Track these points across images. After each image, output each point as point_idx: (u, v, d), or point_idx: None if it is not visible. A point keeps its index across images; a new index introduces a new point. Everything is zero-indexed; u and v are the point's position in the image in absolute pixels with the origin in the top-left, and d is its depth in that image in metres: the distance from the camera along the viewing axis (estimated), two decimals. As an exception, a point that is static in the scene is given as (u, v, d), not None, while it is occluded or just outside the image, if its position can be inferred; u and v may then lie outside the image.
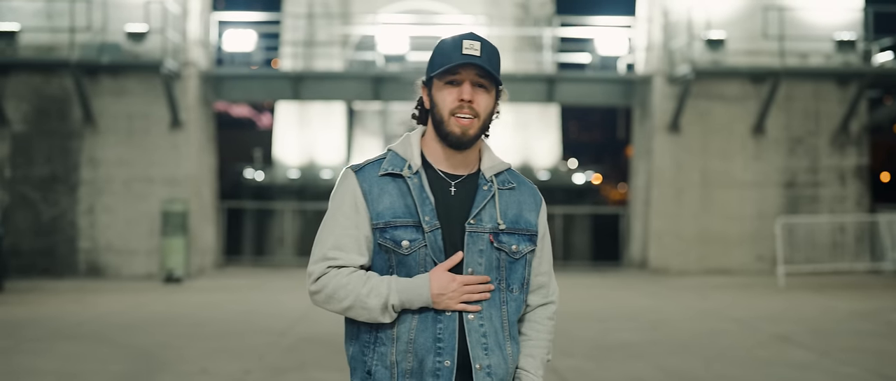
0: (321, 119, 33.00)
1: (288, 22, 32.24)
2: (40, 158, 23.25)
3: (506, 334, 3.39)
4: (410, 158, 3.41)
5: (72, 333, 13.79)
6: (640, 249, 25.65)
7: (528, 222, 3.47)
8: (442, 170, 3.43)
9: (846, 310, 16.72)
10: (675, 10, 24.74)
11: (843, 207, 24.78)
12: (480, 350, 3.31)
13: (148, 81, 23.27)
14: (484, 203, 3.39)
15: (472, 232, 3.35)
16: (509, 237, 3.40)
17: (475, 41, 3.34)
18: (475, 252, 3.34)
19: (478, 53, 3.32)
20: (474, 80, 3.35)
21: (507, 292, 3.41)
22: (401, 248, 3.33)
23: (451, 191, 3.40)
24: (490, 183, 3.43)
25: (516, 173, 3.57)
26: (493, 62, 3.35)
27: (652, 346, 12.86)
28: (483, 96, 3.36)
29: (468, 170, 3.45)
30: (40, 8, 23.37)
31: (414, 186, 3.36)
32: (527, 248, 3.44)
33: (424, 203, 3.34)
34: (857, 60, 24.80)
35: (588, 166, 45.12)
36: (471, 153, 3.44)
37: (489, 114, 3.40)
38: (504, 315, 3.39)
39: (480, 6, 32.77)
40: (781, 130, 24.70)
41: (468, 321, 3.31)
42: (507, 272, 3.40)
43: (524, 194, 3.51)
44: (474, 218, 3.36)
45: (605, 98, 27.70)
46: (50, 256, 23.14)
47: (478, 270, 3.33)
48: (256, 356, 11.93)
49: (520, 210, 3.46)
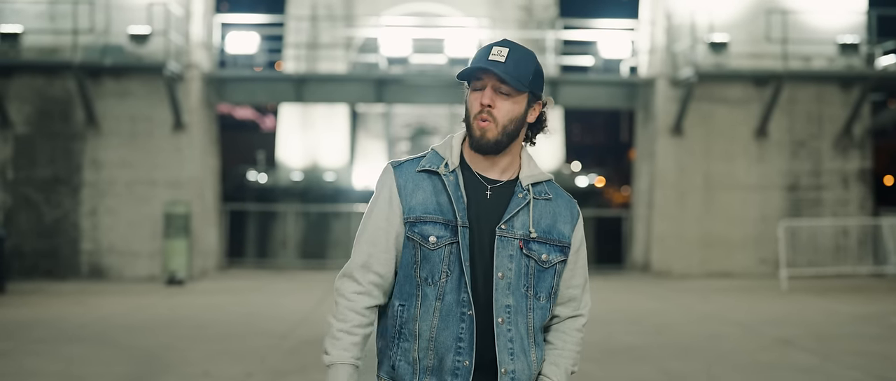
0: (324, 122, 32.98)
1: (291, 24, 32.22)
2: (43, 160, 23.26)
3: (531, 340, 3.45)
4: (449, 157, 3.47)
5: (74, 335, 13.80)
6: (643, 251, 25.64)
7: (562, 233, 3.51)
8: (480, 173, 3.47)
9: (849, 313, 16.70)
10: (679, 13, 24.74)
11: (845, 210, 24.76)
12: (507, 355, 3.37)
13: (151, 83, 23.28)
14: (517, 209, 3.44)
15: (503, 237, 3.39)
16: (540, 246, 3.45)
17: (504, 48, 3.39)
18: (505, 257, 3.39)
19: (502, 60, 3.35)
20: (495, 85, 3.37)
21: (534, 300, 3.46)
22: (427, 243, 3.39)
23: (486, 194, 3.45)
24: (526, 191, 3.48)
25: (556, 186, 3.61)
26: (519, 69, 3.37)
27: (655, 349, 12.85)
28: (504, 102, 3.39)
29: (506, 176, 3.50)
30: (43, 10, 23.39)
31: (449, 184, 3.42)
32: (557, 258, 3.49)
33: (458, 201, 3.40)
34: (861, 64, 24.78)
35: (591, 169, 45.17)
36: (508, 159, 3.49)
37: (512, 120, 3.40)
38: (530, 322, 3.44)
39: (484, 9, 32.75)
40: (784, 133, 24.68)
41: (498, 325, 3.36)
42: (535, 280, 3.45)
43: (560, 207, 3.55)
44: (506, 223, 3.41)
45: (608, 101, 27.71)
46: (52, 257, 23.15)
47: (508, 274, 3.38)
48: (258, 358, 11.92)
49: (554, 221, 3.50)
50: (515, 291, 3.40)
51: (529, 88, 3.41)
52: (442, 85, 25.63)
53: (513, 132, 3.43)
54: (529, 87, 3.41)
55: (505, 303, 3.38)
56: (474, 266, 3.38)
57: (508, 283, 3.39)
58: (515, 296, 3.40)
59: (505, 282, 3.38)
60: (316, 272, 25.97)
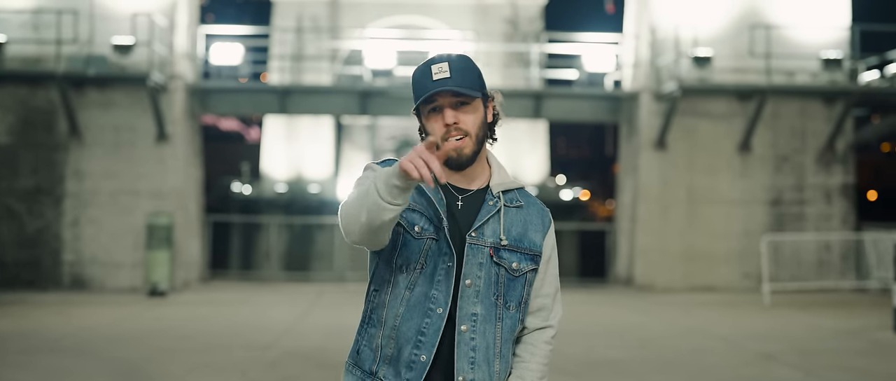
0: (309, 133, 32.97)
1: (276, 36, 32.22)
2: (25, 170, 23.18)
3: (496, 351, 3.40)
4: None
5: (56, 346, 13.73)
6: (626, 265, 25.66)
7: (533, 241, 3.48)
8: (451, 184, 3.47)
9: (831, 328, 16.73)
10: (663, 28, 24.80)
11: (828, 225, 24.82)
12: (466, 363, 3.33)
13: (134, 94, 23.23)
14: (487, 217, 3.42)
15: (473, 244, 3.37)
16: (510, 254, 3.42)
17: (443, 63, 3.36)
18: (474, 265, 3.36)
19: (447, 74, 3.34)
20: (452, 101, 3.36)
21: (503, 309, 3.42)
22: (412, 230, 3.37)
23: (458, 205, 3.44)
24: (496, 199, 3.46)
25: (527, 193, 3.60)
26: (466, 77, 3.36)
27: (637, 363, 12.85)
28: (467, 114, 3.38)
29: (477, 185, 3.49)
30: (27, 19, 23.33)
31: (428, 188, 3.41)
32: (528, 267, 3.46)
33: (440, 202, 3.40)
34: (844, 79, 24.88)
35: (576, 183, 45.13)
36: (477, 169, 3.49)
37: (480, 126, 3.42)
38: (498, 332, 3.40)
39: (469, 22, 32.80)
40: (768, 148, 24.75)
41: (460, 332, 3.33)
42: (505, 289, 3.42)
43: (532, 215, 3.53)
44: (476, 231, 3.39)
45: (593, 114, 27.72)
46: (34, 268, 23.06)
47: (476, 282, 3.36)
48: (240, 370, 11.88)
49: (525, 229, 3.48)
50: (484, 299, 3.37)
51: (481, 92, 3.42)
52: (426, 97, 25.57)
53: (483, 138, 3.45)
54: (480, 90, 3.42)
55: (471, 311, 3.35)
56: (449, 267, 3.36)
57: (477, 291, 3.36)
58: (484, 304, 3.37)
59: (472, 290, 3.36)
60: (299, 285, 25.92)
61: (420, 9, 33.23)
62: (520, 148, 33.16)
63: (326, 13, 32.80)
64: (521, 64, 31.46)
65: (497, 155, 3.66)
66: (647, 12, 25.17)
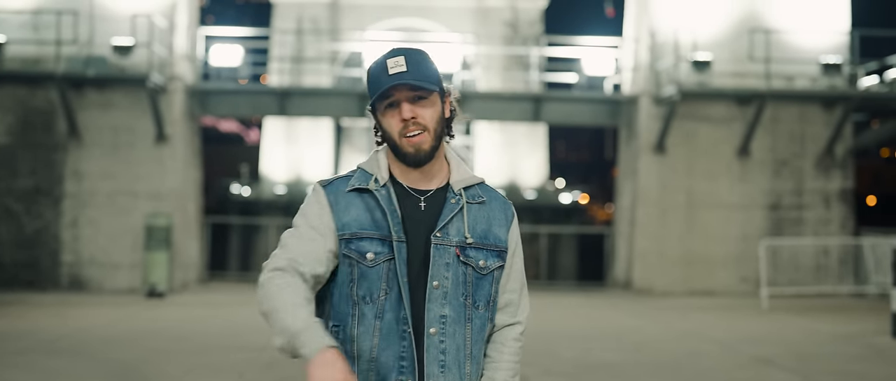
0: (308, 135, 32.97)
1: (276, 37, 32.23)
2: (24, 171, 23.18)
3: (467, 352, 3.30)
4: (377, 173, 3.35)
5: (53, 347, 13.73)
6: (625, 269, 25.65)
7: (498, 237, 3.38)
8: (410, 186, 3.36)
9: (829, 333, 16.73)
10: (662, 32, 24.80)
11: (827, 229, 24.82)
12: (436, 367, 3.23)
13: (133, 95, 23.24)
14: (451, 216, 3.32)
15: (438, 245, 3.28)
16: (477, 252, 3.33)
17: (399, 57, 3.27)
18: (441, 266, 3.26)
19: (404, 68, 3.25)
20: (409, 95, 3.26)
21: (472, 309, 3.31)
22: (365, 260, 3.25)
23: (420, 206, 3.33)
24: (458, 196, 3.35)
25: (488, 187, 3.47)
26: (422, 70, 3.27)
27: (634, 367, 12.85)
28: (425, 108, 3.28)
29: (437, 184, 3.38)
30: (27, 20, 23.33)
31: (382, 199, 3.29)
32: (495, 264, 3.36)
33: (393, 215, 3.27)
34: (843, 84, 24.87)
35: (575, 186, 45.12)
36: (436, 167, 3.37)
37: (438, 121, 3.31)
38: (467, 333, 3.30)
39: (469, 25, 32.81)
40: (767, 153, 24.74)
41: (429, 335, 3.23)
42: (473, 288, 3.32)
43: (494, 209, 3.42)
44: (440, 231, 3.29)
45: (592, 118, 27.73)
46: (32, 269, 23.06)
47: (444, 283, 3.26)
48: (236, 372, 11.88)
49: (489, 225, 3.38)
50: (453, 300, 3.28)
51: (438, 85, 3.31)
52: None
53: (441, 134, 3.33)
54: (437, 84, 3.31)
55: (440, 313, 3.25)
56: (413, 281, 3.25)
57: (444, 292, 3.27)
58: (453, 306, 3.28)
59: (440, 292, 3.26)
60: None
61: (420, 11, 33.24)
62: (519, 151, 33.17)
63: (326, 15, 32.81)
64: (520, 67, 31.47)
65: (497, 157, 3.58)
66: (647, 16, 25.18)
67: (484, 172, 32.83)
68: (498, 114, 27.32)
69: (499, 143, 32.97)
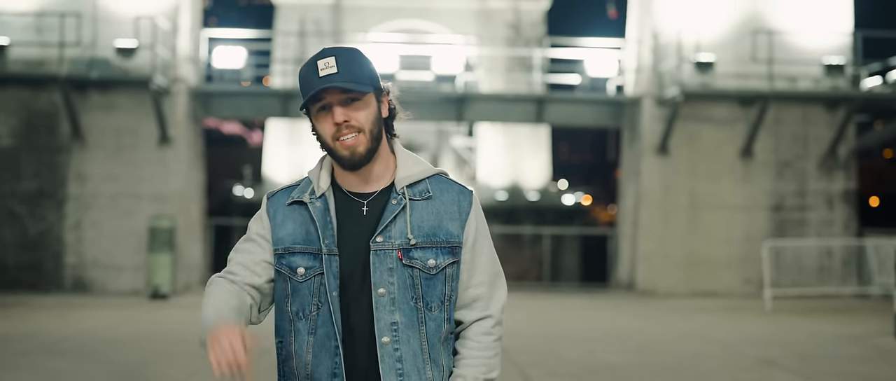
0: (311, 137, 32.86)
1: (279, 39, 32.24)
2: (28, 173, 23.19)
3: (425, 357, 3.18)
4: (316, 183, 3.27)
5: (57, 348, 13.74)
6: (628, 270, 25.65)
7: (449, 232, 3.22)
8: (351, 191, 3.26)
9: (833, 334, 16.72)
10: (665, 33, 24.79)
11: (830, 231, 24.80)
12: (394, 376, 3.14)
13: (137, 97, 23.24)
14: (392, 217, 3.19)
15: (378, 251, 3.16)
16: (424, 252, 3.19)
17: (329, 58, 3.17)
18: (384, 272, 3.15)
19: (335, 69, 3.15)
20: (341, 98, 3.17)
21: (425, 312, 3.19)
22: (296, 275, 3.20)
23: (362, 211, 3.23)
24: (401, 196, 3.22)
25: (444, 179, 3.32)
26: (354, 71, 3.17)
27: (637, 368, 12.84)
28: (358, 110, 3.17)
29: (381, 185, 3.26)
30: (30, 22, 23.35)
31: (316, 212, 3.21)
32: (446, 261, 3.21)
33: (326, 228, 3.18)
34: (846, 85, 24.87)
35: (578, 187, 45.10)
36: (378, 167, 3.26)
37: (374, 122, 3.19)
38: (422, 337, 3.18)
39: (471, 26, 32.82)
40: (770, 154, 24.73)
41: (381, 345, 3.14)
42: (423, 290, 3.18)
43: (445, 203, 3.25)
44: (381, 235, 3.17)
45: (595, 119, 27.74)
46: (36, 271, 23.07)
47: (390, 289, 3.15)
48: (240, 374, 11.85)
49: (439, 221, 3.22)
50: (402, 305, 3.16)
51: (372, 85, 3.21)
52: (429, 102, 25.66)
53: (379, 135, 3.21)
54: (371, 83, 3.20)
55: (390, 321, 3.15)
56: (347, 293, 3.17)
57: (392, 298, 3.15)
58: (403, 311, 3.16)
59: (387, 299, 3.15)
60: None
61: (423, 13, 33.26)
62: (522, 153, 33.16)
63: (329, 17, 32.83)
64: (523, 69, 31.47)
65: (499, 158, 3.47)
66: (650, 17, 25.18)
67: (487, 174, 32.87)
68: (501, 116, 27.32)
69: (502, 144, 32.97)
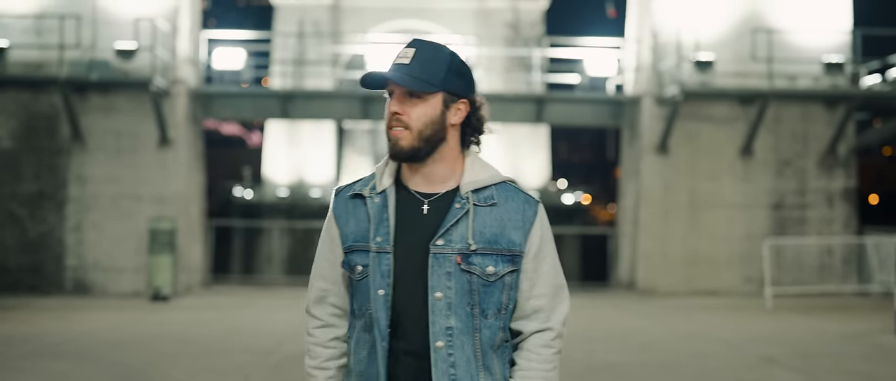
0: (311, 138, 33.00)
1: (278, 40, 32.26)
2: (28, 175, 23.19)
3: (479, 364, 3.15)
4: (379, 177, 3.23)
5: (58, 350, 13.74)
6: (629, 269, 25.65)
7: (511, 241, 3.17)
8: (416, 190, 3.22)
9: (834, 332, 16.72)
10: (665, 32, 24.79)
11: (830, 229, 24.81)
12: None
13: (137, 99, 23.23)
14: (454, 221, 3.15)
15: (437, 254, 3.13)
16: (483, 258, 3.14)
17: (409, 49, 3.19)
18: (441, 275, 3.12)
19: (408, 61, 3.16)
20: (402, 90, 3.17)
21: (481, 319, 3.16)
22: (354, 273, 3.21)
23: (423, 210, 3.19)
24: (465, 200, 3.17)
25: (510, 187, 3.27)
26: (424, 68, 3.15)
27: (639, 368, 12.85)
28: (414, 106, 3.15)
29: (446, 187, 3.22)
30: (30, 25, 23.35)
31: (372, 207, 3.19)
32: (505, 269, 3.17)
33: (380, 224, 3.16)
34: (845, 83, 24.87)
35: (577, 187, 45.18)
36: (445, 169, 3.23)
37: (428, 124, 3.14)
38: (477, 343, 3.15)
39: (471, 26, 32.84)
40: (769, 152, 24.74)
41: (435, 349, 3.11)
42: (480, 297, 3.15)
43: (510, 211, 3.20)
44: (442, 238, 3.13)
45: (594, 119, 27.73)
46: (37, 273, 23.06)
47: (447, 293, 3.12)
48: (242, 375, 11.88)
49: (501, 228, 3.17)
50: (458, 310, 3.12)
51: (442, 88, 3.16)
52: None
53: (433, 138, 3.16)
54: (441, 86, 3.16)
55: (445, 325, 3.11)
56: (401, 293, 3.14)
57: (448, 303, 3.12)
58: (458, 316, 3.12)
59: (444, 303, 3.12)
60: (301, 289, 25.87)
61: (421, 13, 33.29)
62: (521, 153, 33.18)
63: (328, 18, 32.86)
64: (522, 68, 31.48)
65: (499, 157, 3.47)
66: (649, 16, 25.18)
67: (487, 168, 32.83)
68: (500, 115, 27.26)
69: (501, 144, 32.98)
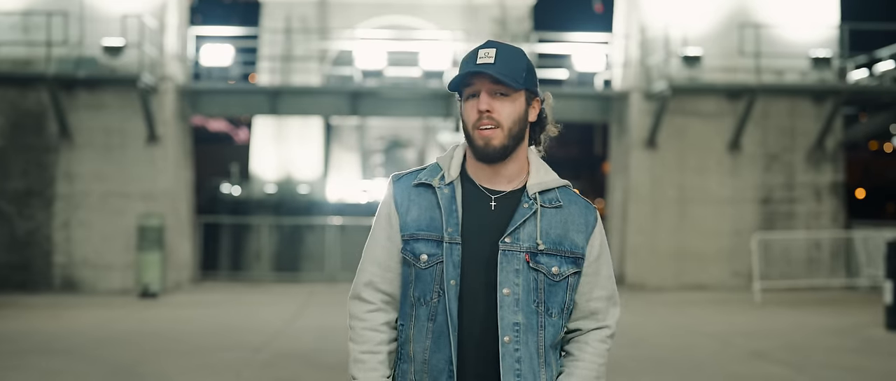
0: (298, 134, 32.95)
1: (265, 37, 32.19)
2: (16, 172, 23.12)
3: (541, 360, 3.25)
4: (447, 169, 3.31)
5: (48, 348, 13.72)
6: (617, 264, 25.63)
7: (574, 243, 3.29)
8: (483, 185, 3.30)
9: (822, 326, 16.78)
10: (652, 27, 24.82)
11: (818, 223, 24.88)
12: (513, 376, 3.20)
13: (125, 96, 23.17)
14: (522, 221, 3.24)
15: (506, 251, 3.21)
16: (550, 259, 3.25)
17: (491, 49, 3.23)
18: (510, 272, 3.21)
19: (492, 61, 3.19)
20: (490, 88, 3.21)
21: (545, 317, 3.26)
22: (419, 262, 3.25)
23: (491, 206, 3.28)
24: (533, 201, 3.28)
25: (570, 192, 3.38)
26: (511, 67, 3.22)
27: (631, 362, 12.87)
28: (504, 104, 3.23)
29: (512, 186, 3.31)
30: (16, 21, 23.27)
31: (443, 198, 3.27)
32: (569, 270, 3.28)
33: (450, 215, 3.24)
34: (833, 77, 24.94)
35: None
36: (515, 167, 3.31)
37: (516, 121, 3.25)
38: (540, 340, 3.25)
39: (457, 22, 32.82)
40: (757, 147, 24.79)
41: (503, 344, 3.18)
42: (545, 295, 3.25)
43: (574, 214, 3.32)
44: (510, 236, 3.22)
45: (583, 114, 27.73)
46: (25, 270, 23.00)
47: (515, 290, 3.20)
48: (233, 372, 11.88)
49: (566, 231, 3.29)
50: (525, 307, 3.22)
51: (525, 85, 3.26)
52: (416, 98, 25.67)
53: (519, 135, 3.27)
54: (524, 83, 3.25)
55: (512, 321, 3.20)
56: (466, 284, 3.21)
57: (516, 299, 3.21)
58: (525, 313, 3.21)
59: (512, 299, 3.20)
60: (290, 285, 25.90)
61: (408, 9, 33.27)
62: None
63: (315, 14, 32.80)
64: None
65: None
66: (637, 12, 25.20)
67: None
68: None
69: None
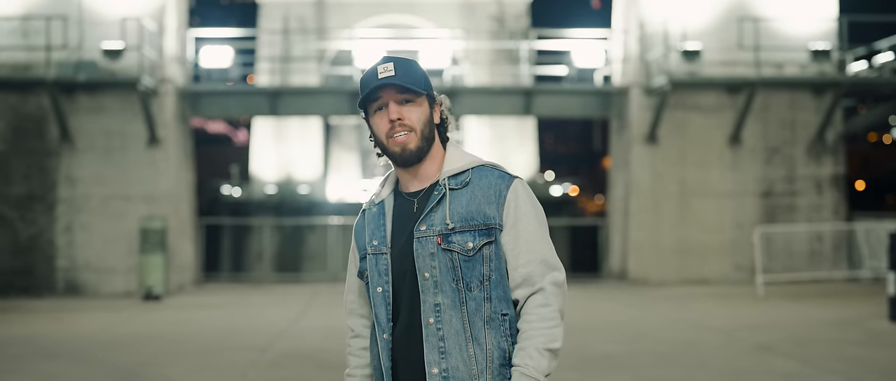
0: (298, 134, 32.94)
1: (264, 38, 32.18)
2: (17, 177, 23.13)
3: (467, 336, 3.38)
4: (378, 191, 3.61)
5: (52, 351, 13.72)
6: (620, 260, 25.69)
7: (485, 215, 3.43)
8: (407, 192, 3.55)
9: (826, 318, 16.78)
10: (652, 22, 24.83)
11: (820, 215, 24.89)
12: (437, 355, 3.38)
13: (125, 99, 23.18)
14: (431, 207, 3.44)
15: (420, 238, 3.42)
16: (462, 235, 3.41)
17: (388, 63, 3.46)
18: (426, 257, 3.41)
19: (393, 73, 3.43)
20: (397, 98, 3.45)
21: (465, 292, 3.40)
22: (364, 278, 3.58)
23: (413, 208, 3.50)
24: (442, 187, 3.47)
25: (488, 169, 3.54)
26: (410, 75, 3.45)
27: (634, 357, 12.89)
28: (412, 109, 3.46)
29: (430, 182, 3.53)
30: (16, 26, 23.27)
31: (371, 217, 3.58)
32: (482, 241, 3.41)
33: (376, 230, 3.53)
34: (832, 70, 24.95)
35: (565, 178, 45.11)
36: (431, 167, 3.53)
37: (425, 123, 3.48)
38: (464, 316, 3.39)
39: (456, 20, 32.81)
40: (758, 140, 24.80)
41: (426, 326, 3.39)
42: (463, 272, 3.40)
43: (483, 188, 3.47)
44: (424, 223, 3.43)
45: (583, 110, 27.74)
46: (28, 275, 23.01)
47: (433, 273, 3.40)
48: (238, 373, 11.89)
49: (476, 205, 3.45)
50: (444, 287, 3.39)
51: (426, 90, 3.49)
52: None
53: (430, 135, 3.50)
54: (425, 88, 3.49)
55: (434, 302, 3.39)
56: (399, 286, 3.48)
57: (435, 281, 3.40)
58: (445, 292, 3.39)
59: (431, 282, 3.40)
60: (291, 285, 25.91)
61: (406, 8, 33.25)
62: (509, 145, 33.18)
63: (313, 14, 32.79)
64: (509, 61, 31.49)
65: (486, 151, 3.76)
66: (636, 7, 25.21)
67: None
68: (488, 109, 27.31)
69: (488, 137, 33.00)
